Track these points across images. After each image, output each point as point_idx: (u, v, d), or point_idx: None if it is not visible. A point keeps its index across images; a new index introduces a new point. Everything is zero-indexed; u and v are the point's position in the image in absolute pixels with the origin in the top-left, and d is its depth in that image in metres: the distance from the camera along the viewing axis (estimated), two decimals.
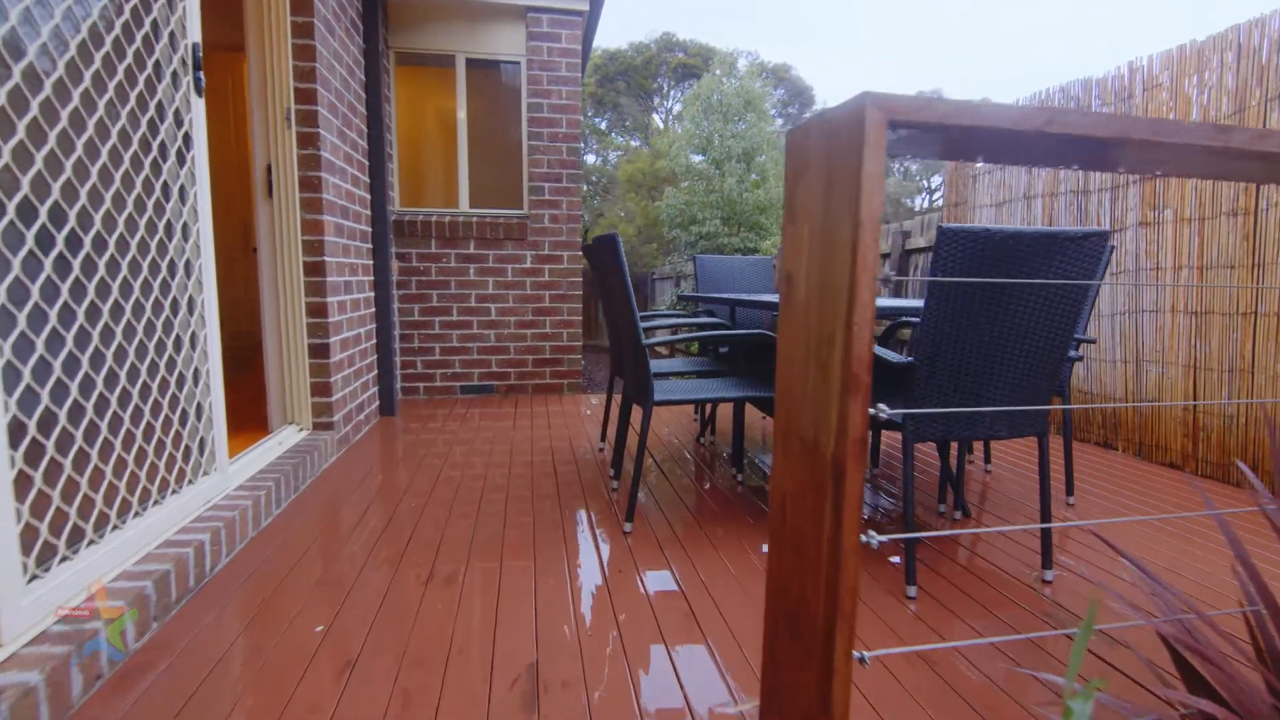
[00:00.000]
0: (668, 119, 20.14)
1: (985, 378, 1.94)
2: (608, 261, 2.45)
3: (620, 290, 2.37)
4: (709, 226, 9.14)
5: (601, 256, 2.54)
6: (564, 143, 5.01)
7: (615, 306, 2.57)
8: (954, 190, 4.90)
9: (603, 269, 2.65)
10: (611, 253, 2.35)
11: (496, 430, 4.01)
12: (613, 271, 2.43)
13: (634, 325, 2.33)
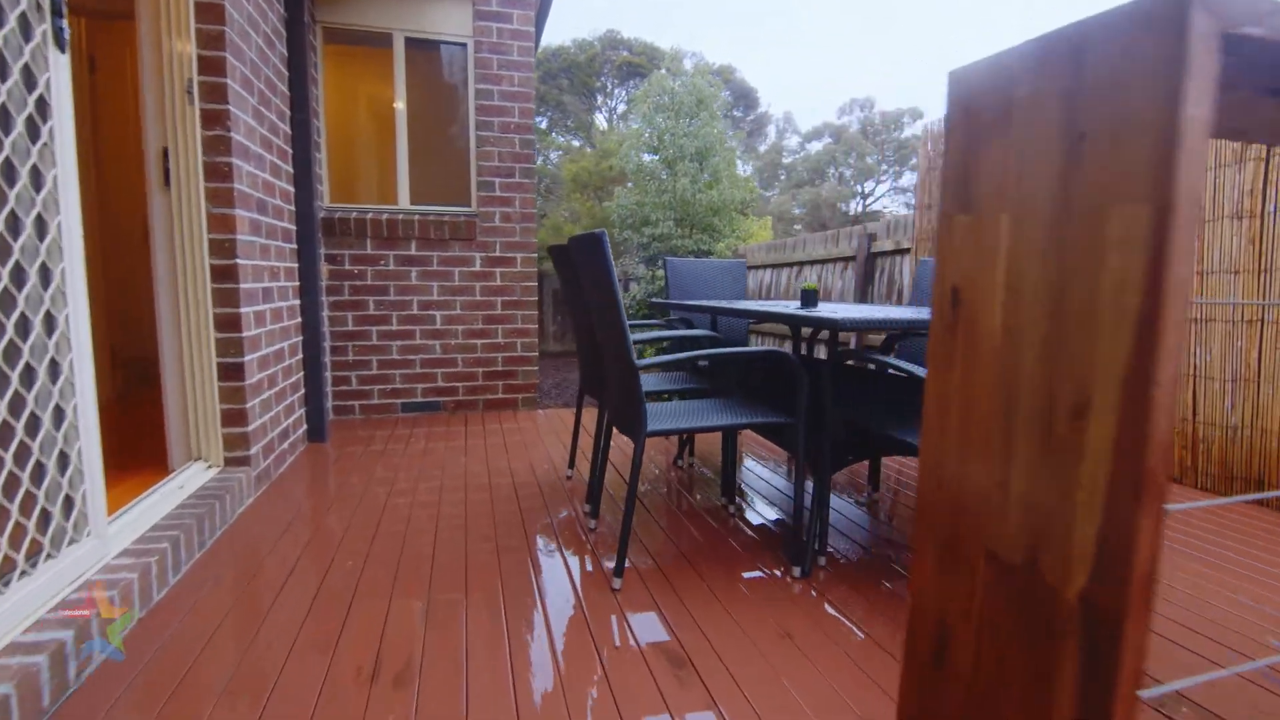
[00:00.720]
0: (612, 118, 19.76)
1: None
2: (590, 265, 2.06)
3: (606, 300, 1.98)
4: (662, 228, 8.82)
5: (581, 259, 2.15)
6: (517, 134, 4.56)
7: (599, 318, 2.18)
8: (925, 192, 4.72)
9: (581, 274, 2.25)
10: (595, 255, 1.96)
11: (446, 455, 3.54)
12: (596, 277, 2.04)
13: (624, 343, 1.94)
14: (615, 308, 1.93)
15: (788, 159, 36.57)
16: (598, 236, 1.91)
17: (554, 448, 3.72)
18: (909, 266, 5.04)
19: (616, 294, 1.92)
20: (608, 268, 1.91)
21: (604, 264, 1.92)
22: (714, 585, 2.05)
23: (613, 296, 1.93)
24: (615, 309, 1.93)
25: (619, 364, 2.06)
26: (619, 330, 1.95)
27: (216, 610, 1.86)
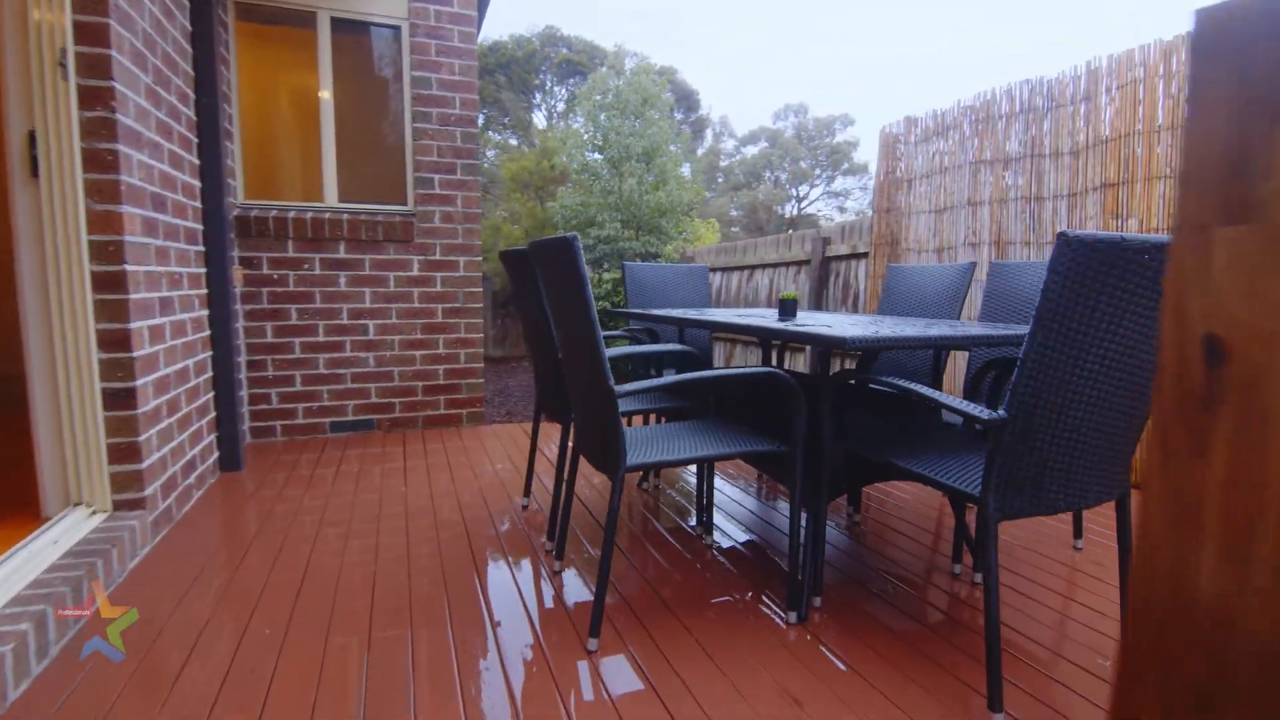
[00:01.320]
0: (552, 116, 19.31)
1: (1086, 430, 1.49)
2: (556, 274, 1.77)
3: (576, 315, 1.70)
4: (609, 229, 8.55)
5: (546, 267, 1.86)
6: (458, 127, 4.20)
7: (567, 334, 1.90)
8: (884, 196, 4.63)
9: (544, 283, 1.96)
10: (564, 264, 1.68)
11: (383, 483, 3.16)
12: (564, 288, 1.75)
13: (598, 364, 1.67)
14: (588, 324, 1.65)
15: (724, 162, 36.98)
16: (568, 241, 1.62)
17: (506, 471, 3.40)
18: (865, 271, 4.95)
19: (590, 308, 1.64)
20: (580, 278, 1.63)
21: (575, 274, 1.64)
22: (701, 635, 1.80)
23: (585, 311, 1.65)
24: (588, 326, 1.65)
25: (592, 388, 1.78)
26: (592, 350, 1.67)
27: (99, 700, 1.47)
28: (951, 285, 2.98)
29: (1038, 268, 2.62)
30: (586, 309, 1.64)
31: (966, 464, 1.72)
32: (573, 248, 1.61)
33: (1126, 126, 3.11)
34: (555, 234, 7.63)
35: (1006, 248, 3.69)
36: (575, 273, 1.63)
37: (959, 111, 3.95)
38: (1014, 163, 3.63)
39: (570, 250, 1.62)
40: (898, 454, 1.81)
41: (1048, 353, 1.37)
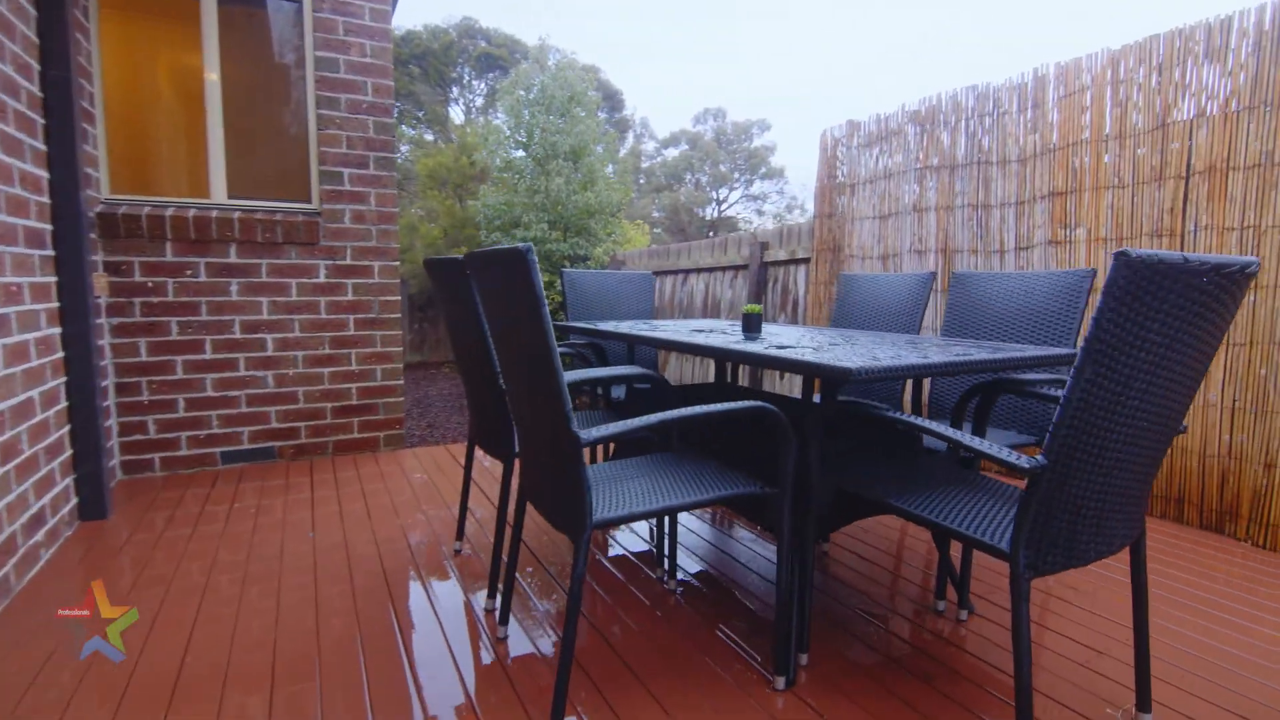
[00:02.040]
0: (470, 111, 18.52)
1: (1119, 472, 1.32)
2: (505, 293, 1.45)
3: (531, 343, 1.39)
4: (535, 231, 8.16)
5: (489, 283, 1.53)
6: (371, 115, 3.75)
7: (515, 363, 1.57)
8: (825, 201, 4.52)
9: (485, 300, 1.63)
10: (513, 278, 1.36)
11: (286, 527, 2.71)
12: (516, 310, 1.43)
13: (558, 403, 1.36)
14: (544, 357, 1.34)
15: (646, 163, 37.06)
16: (520, 254, 1.31)
17: (433, 505, 3.00)
18: (806, 277, 4.83)
19: (548, 337, 1.33)
20: (535, 299, 1.32)
21: (528, 294, 1.33)
22: (677, 709, 1.52)
23: (541, 340, 1.34)
24: (545, 358, 1.35)
25: (547, 431, 1.47)
26: (549, 386, 1.37)
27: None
28: (910, 296, 2.85)
29: (1001, 279, 2.51)
30: (542, 337, 1.33)
31: (973, 503, 1.53)
32: (526, 261, 1.30)
33: (1074, 135, 3.09)
34: (474, 233, 7.14)
35: (954, 255, 3.63)
36: (529, 293, 1.32)
37: (903, 116, 3.87)
38: (961, 169, 3.57)
39: (523, 265, 1.31)
40: (894, 492, 1.60)
41: (1095, 390, 1.18)
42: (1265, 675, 1.72)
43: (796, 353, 1.65)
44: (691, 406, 1.48)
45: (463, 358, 2.26)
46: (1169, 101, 2.76)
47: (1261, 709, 1.58)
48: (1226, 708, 1.59)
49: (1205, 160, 2.67)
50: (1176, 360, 1.24)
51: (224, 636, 1.87)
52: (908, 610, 2.10)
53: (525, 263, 1.30)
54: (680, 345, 1.96)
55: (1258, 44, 2.52)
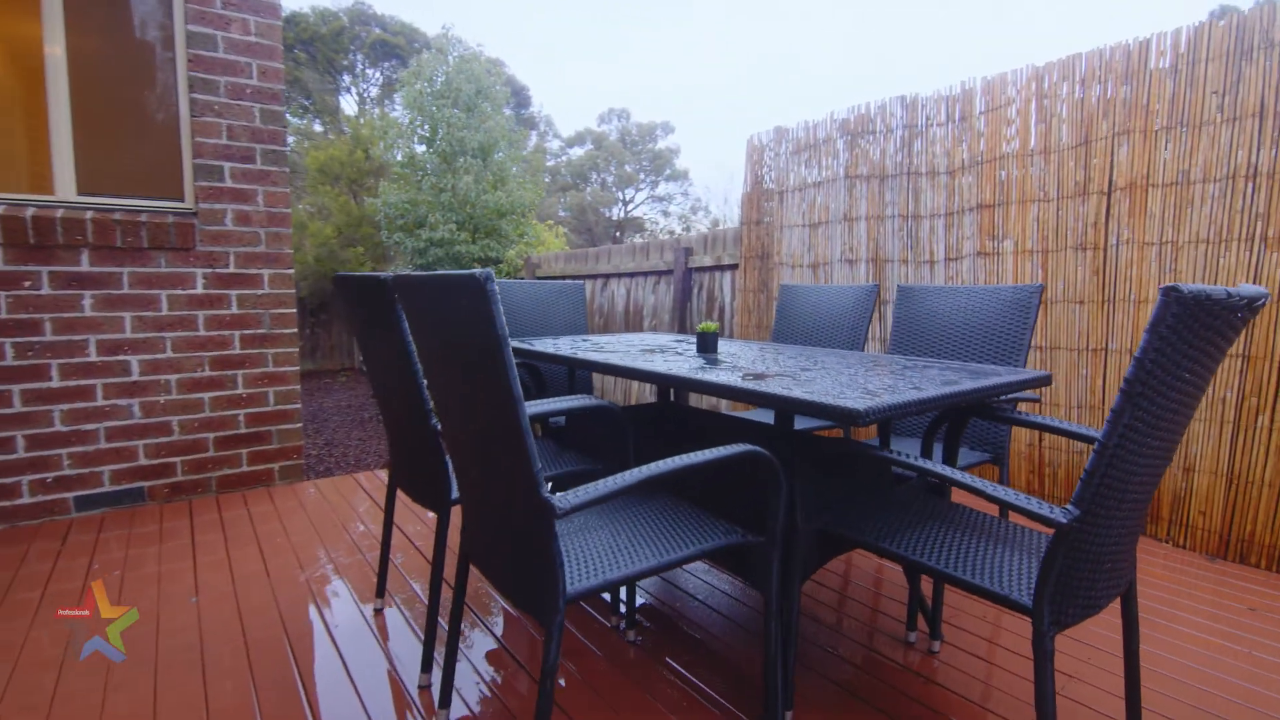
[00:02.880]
0: (363, 102, 17.34)
1: (1135, 514, 1.24)
2: (449, 327, 1.19)
3: (483, 388, 1.13)
4: (442, 231, 7.68)
5: (428, 312, 1.26)
6: (257, 102, 3.27)
7: (458, 407, 1.31)
8: (753, 207, 4.45)
9: (416, 328, 1.35)
10: (465, 314, 1.10)
11: (164, 585, 2.26)
12: (460, 346, 1.17)
13: (524, 466, 1.12)
14: (508, 407, 1.09)
15: (551, 162, 36.60)
16: (476, 284, 1.05)
17: (344, 551, 2.63)
18: (733, 284, 4.76)
19: (512, 385, 1.08)
20: (497, 339, 1.06)
21: (487, 332, 1.07)
22: None
23: (505, 389, 1.09)
24: (508, 408, 1.10)
25: (507, 492, 1.22)
26: (513, 443, 1.12)
27: None
28: (855, 308, 2.78)
29: (948, 294, 2.48)
30: (505, 387, 1.08)
31: (965, 544, 1.43)
32: (485, 294, 1.04)
33: (1001, 148, 3.14)
34: (370, 232, 6.58)
35: (885, 265, 3.63)
36: (486, 332, 1.07)
37: (832, 125, 3.84)
38: (891, 179, 3.58)
39: (481, 298, 1.05)
40: (886, 534, 1.47)
41: (1130, 434, 1.08)
42: (1178, 671, 1.73)
43: (780, 384, 1.48)
44: (678, 458, 1.27)
45: (383, 391, 1.94)
46: (1092, 119, 2.85)
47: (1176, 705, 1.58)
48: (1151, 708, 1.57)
49: (1126, 177, 2.76)
50: (1194, 395, 1.17)
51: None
52: (880, 645, 1.99)
53: (483, 295, 1.04)
54: (641, 374, 1.75)
55: (1174, 67, 2.62)
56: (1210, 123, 2.54)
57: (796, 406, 1.30)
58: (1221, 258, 2.55)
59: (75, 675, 1.77)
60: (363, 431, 7.72)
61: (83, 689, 1.72)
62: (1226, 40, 2.49)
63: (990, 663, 1.89)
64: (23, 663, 1.80)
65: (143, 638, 1.96)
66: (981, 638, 2.02)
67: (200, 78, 3.12)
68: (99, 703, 1.66)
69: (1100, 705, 1.68)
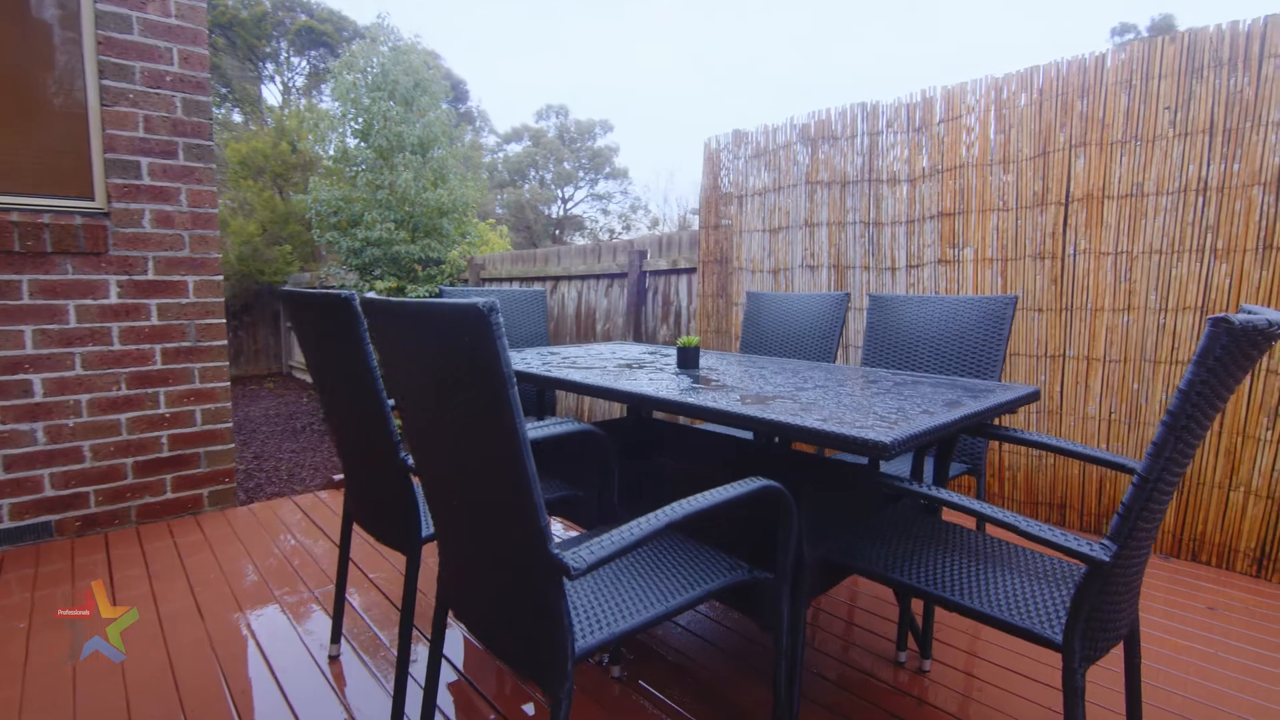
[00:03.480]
0: (289, 92, 16.38)
1: (1151, 541, 1.21)
2: (434, 360, 1.04)
3: (490, 438, 0.99)
4: (380, 230, 7.31)
5: (408, 339, 1.10)
6: (179, 91, 2.96)
7: (445, 448, 1.15)
8: (711, 210, 4.39)
9: (388, 354, 1.19)
10: (461, 350, 0.96)
11: (70, 649, 1.99)
12: (452, 385, 1.03)
13: (531, 521, 0.98)
14: (515, 457, 0.96)
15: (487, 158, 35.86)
16: (478, 316, 0.91)
17: (289, 588, 2.39)
18: (689, 288, 4.69)
19: (518, 433, 0.95)
20: (501, 380, 0.93)
21: (488, 371, 0.93)
22: None
23: (510, 435, 0.95)
24: (515, 459, 0.96)
25: (505, 545, 1.08)
26: (520, 499, 0.98)
27: None
28: (825, 317, 2.75)
29: (921, 303, 2.46)
30: (510, 434, 0.94)
31: (973, 570, 1.38)
32: (488, 329, 0.90)
33: (961, 158, 3.17)
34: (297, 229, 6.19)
35: (847, 271, 3.63)
36: (488, 371, 0.93)
37: (792, 129, 3.82)
38: (852, 185, 3.57)
39: (483, 333, 0.91)
40: (896, 564, 1.41)
41: (1170, 465, 1.04)
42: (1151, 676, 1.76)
43: (784, 409, 1.40)
44: (694, 500, 1.16)
45: (338, 418, 1.74)
46: (1050, 130, 2.90)
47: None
48: None
49: (1083, 188, 2.83)
50: (1214, 417, 1.15)
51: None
52: (872, 666, 1.94)
53: (486, 330, 0.90)
54: (646, 400, 1.62)
55: (1128, 82, 2.70)
56: (1163, 137, 2.62)
57: (821, 439, 1.21)
58: (1174, 268, 2.64)
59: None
60: (295, 443, 7.28)
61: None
62: (1178, 58, 2.58)
63: (982, 680, 1.87)
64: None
65: (57, 694, 1.71)
66: (972, 655, 2.00)
67: (113, 62, 2.79)
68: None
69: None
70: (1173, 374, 2.68)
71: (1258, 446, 2.49)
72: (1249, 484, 2.52)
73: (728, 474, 1.77)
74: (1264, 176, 2.43)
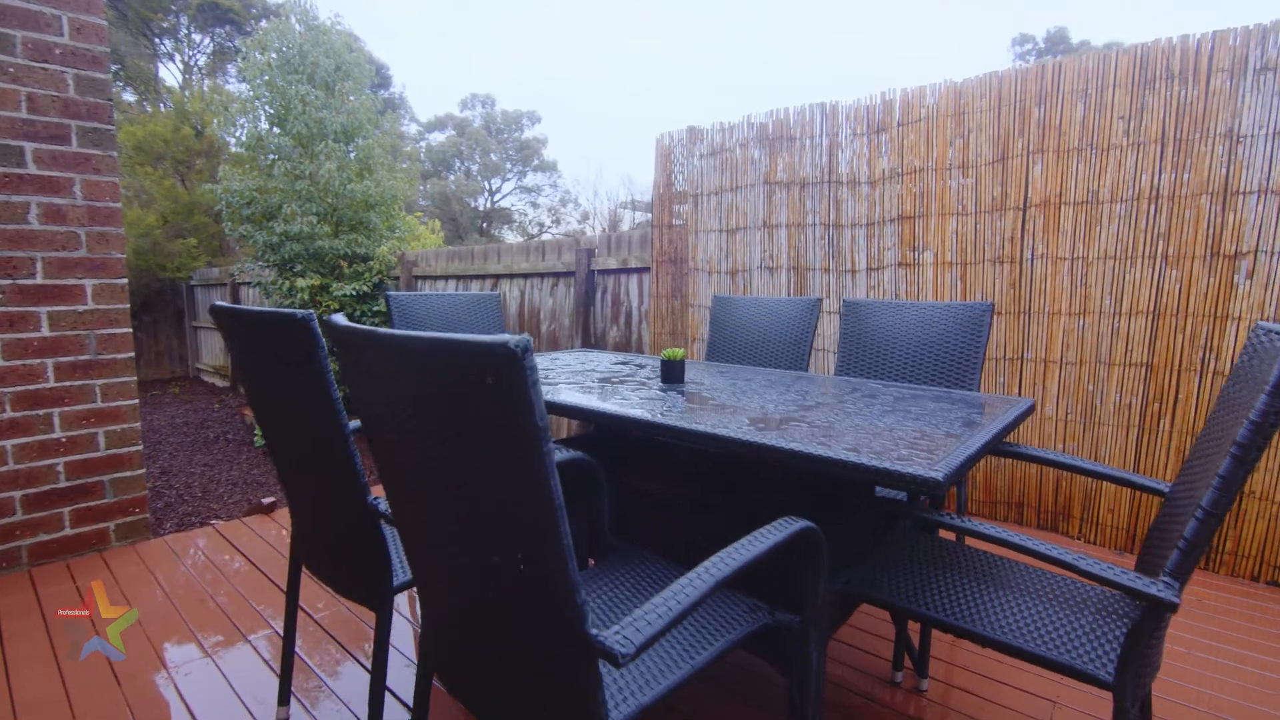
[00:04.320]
0: (189, 72, 15.01)
1: None
2: (434, 404, 0.86)
3: (514, 493, 0.83)
4: (301, 224, 6.79)
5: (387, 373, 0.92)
6: (70, 67, 2.57)
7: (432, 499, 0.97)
8: (664, 209, 4.27)
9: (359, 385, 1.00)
10: (498, 390, 0.79)
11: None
12: (458, 433, 0.85)
13: (566, 591, 0.83)
14: (548, 523, 0.80)
15: (408, 147, 34.52)
16: (512, 355, 0.74)
17: (221, 637, 2.11)
18: (641, 288, 4.56)
19: (553, 494, 0.79)
20: (536, 432, 0.76)
21: (520, 420, 0.77)
22: None
23: (543, 500, 0.79)
24: (548, 526, 0.80)
25: (538, 631, 0.92)
26: (550, 576, 0.82)
27: None
28: (796, 323, 2.68)
29: (897, 309, 2.43)
30: (540, 495, 0.78)
31: (997, 599, 1.32)
32: (522, 371, 0.74)
33: (920, 161, 3.18)
34: (203, 221, 5.68)
35: (806, 273, 3.59)
36: (521, 422, 0.76)
37: (748, 128, 3.74)
38: (812, 187, 3.53)
39: (514, 374, 0.74)
40: (914, 593, 1.33)
41: (1226, 497, 1.00)
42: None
43: (804, 435, 1.29)
44: (732, 554, 1.03)
45: (283, 451, 1.51)
46: (1008, 136, 2.93)
47: None
48: None
49: (1041, 194, 2.87)
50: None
51: None
52: (868, 686, 1.88)
53: (518, 372, 0.74)
54: (645, 425, 1.48)
55: (1083, 91, 2.75)
56: (1117, 146, 2.69)
57: (868, 474, 1.10)
58: (1127, 274, 2.72)
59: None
60: (207, 455, 6.70)
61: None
62: (1132, 70, 2.64)
63: (981, 698, 1.83)
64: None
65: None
66: (968, 671, 1.97)
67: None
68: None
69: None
70: (1126, 375, 2.76)
71: None
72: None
73: (723, 496, 1.65)
74: (1211, 186, 2.52)
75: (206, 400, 9.54)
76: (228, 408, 9.05)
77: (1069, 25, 35.54)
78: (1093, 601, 1.34)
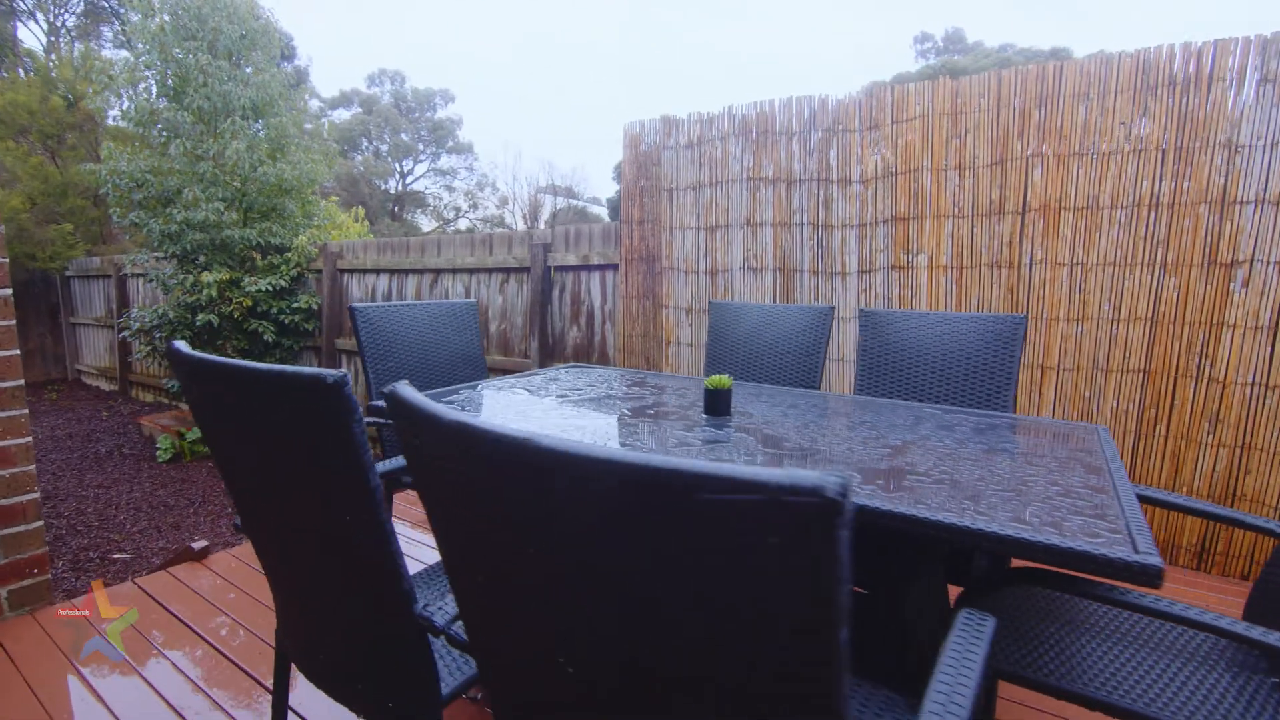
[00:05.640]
0: (55, 33, 13.12)
1: None
2: (559, 514, 0.59)
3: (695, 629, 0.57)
4: (205, 211, 6.04)
5: (430, 446, 0.64)
6: None
7: (537, 636, 0.70)
8: (636, 204, 4.01)
9: (430, 487, 0.71)
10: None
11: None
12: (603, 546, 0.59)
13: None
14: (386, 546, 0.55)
15: (309, 125, 32.29)
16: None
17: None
18: (606, 287, 4.30)
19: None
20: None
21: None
22: None
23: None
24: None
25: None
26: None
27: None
28: (807, 335, 2.51)
29: (920, 320, 2.31)
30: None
31: (1155, 665, 1.19)
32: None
33: (915, 161, 3.08)
34: (81, 205, 4.97)
35: (793, 275, 3.44)
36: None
37: (730, 120, 3.53)
38: (799, 184, 3.37)
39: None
40: (1072, 671, 1.18)
41: None
42: None
43: (945, 496, 1.10)
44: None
45: (273, 527, 1.17)
46: (1008, 138, 2.87)
47: None
48: None
49: (1041, 198, 2.83)
50: None
51: None
52: None
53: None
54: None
55: (1085, 94, 2.71)
56: (1119, 152, 2.67)
57: (1082, 562, 0.92)
58: (1126, 280, 2.72)
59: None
60: (100, 474, 5.89)
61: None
62: (1134, 75, 2.62)
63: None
64: None
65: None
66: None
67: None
68: None
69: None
70: (1123, 382, 2.77)
71: (1199, 450, 2.64)
72: (1190, 485, 2.67)
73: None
74: (1210, 195, 2.54)
75: (91, 407, 8.46)
76: (118, 415, 8.06)
77: (964, 26, 37.50)
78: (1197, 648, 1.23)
